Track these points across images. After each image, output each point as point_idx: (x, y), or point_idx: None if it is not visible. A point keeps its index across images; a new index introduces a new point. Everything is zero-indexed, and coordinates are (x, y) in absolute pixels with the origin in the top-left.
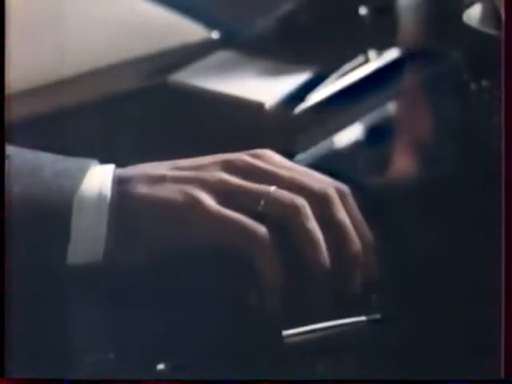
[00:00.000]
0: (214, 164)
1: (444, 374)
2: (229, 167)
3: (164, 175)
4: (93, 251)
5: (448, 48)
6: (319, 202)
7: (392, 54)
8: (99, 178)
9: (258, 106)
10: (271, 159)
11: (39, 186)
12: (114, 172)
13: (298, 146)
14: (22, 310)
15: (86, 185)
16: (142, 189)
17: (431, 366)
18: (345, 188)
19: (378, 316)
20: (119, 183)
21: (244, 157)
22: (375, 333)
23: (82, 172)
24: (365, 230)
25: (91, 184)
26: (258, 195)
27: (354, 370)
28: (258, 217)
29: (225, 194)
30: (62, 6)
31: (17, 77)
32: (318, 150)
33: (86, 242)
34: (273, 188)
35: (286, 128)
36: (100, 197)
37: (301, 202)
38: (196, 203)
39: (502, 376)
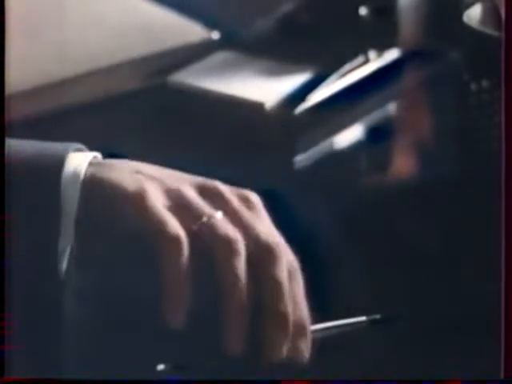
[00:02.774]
0: (189, 181)
1: (444, 373)
2: (201, 189)
3: (133, 167)
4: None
5: (448, 48)
6: (263, 252)
7: (392, 54)
8: (79, 160)
9: (258, 106)
10: (250, 204)
11: (24, 161)
12: (93, 158)
13: (298, 146)
14: (21, 311)
15: (67, 164)
16: (106, 173)
17: (431, 366)
18: (296, 265)
19: (377, 316)
20: (93, 166)
21: (223, 189)
22: (375, 333)
23: (65, 150)
24: (304, 313)
25: (69, 167)
26: (202, 213)
27: (354, 370)
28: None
29: (175, 201)
30: (62, 6)
31: (17, 77)
32: (318, 150)
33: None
34: (219, 214)
35: (286, 128)
36: (74, 177)
37: (238, 237)
38: (142, 194)
39: (502, 376)
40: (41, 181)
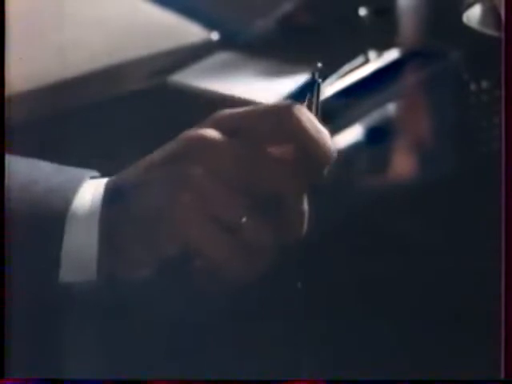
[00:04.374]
0: (185, 151)
1: (444, 374)
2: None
3: (145, 181)
4: (85, 269)
5: (448, 48)
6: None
7: (392, 54)
8: (91, 193)
9: None
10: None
11: (30, 202)
12: (107, 184)
13: None
14: (21, 313)
15: (77, 201)
16: (128, 201)
17: (431, 366)
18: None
19: None
20: (110, 197)
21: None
22: (375, 332)
23: (74, 188)
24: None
25: (83, 200)
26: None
27: (353, 370)
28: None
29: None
30: (61, 6)
31: (17, 77)
32: None
33: (77, 260)
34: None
35: None
36: (90, 213)
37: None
38: (179, 209)
39: (502, 376)
40: (45, 225)
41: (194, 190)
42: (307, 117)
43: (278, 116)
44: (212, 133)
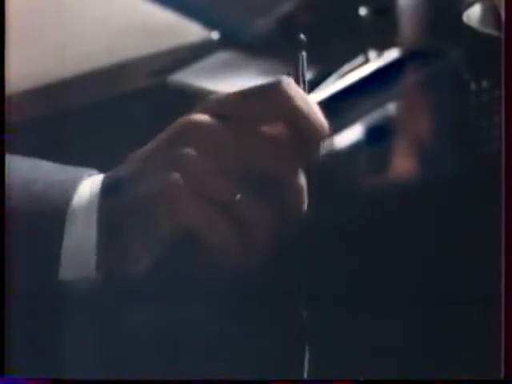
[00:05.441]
0: (178, 136)
1: (444, 373)
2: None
3: (139, 170)
4: (84, 266)
5: (448, 48)
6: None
7: (392, 54)
8: (89, 189)
9: None
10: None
11: (30, 200)
12: (104, 179)
13: None
14: (21, 311)
15: (76, 198)
16: (125, 192)
17: (431, 365)
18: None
19: None
20: (107, 191)
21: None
22: (375, 331)
23: (74, 185)
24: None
25: (82, 196)
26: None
27: (353, 369)
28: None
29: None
30: (61, 6)
31: (17, 77)
32: None
33: (77, 257)
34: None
35: None
36: (88, 209)
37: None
38: (173, 191)
39: (502, 376)
40: (45, 219)
41: (186, 172)
42: (296, 91)
43: (267, 93)
44: (203, 117)
